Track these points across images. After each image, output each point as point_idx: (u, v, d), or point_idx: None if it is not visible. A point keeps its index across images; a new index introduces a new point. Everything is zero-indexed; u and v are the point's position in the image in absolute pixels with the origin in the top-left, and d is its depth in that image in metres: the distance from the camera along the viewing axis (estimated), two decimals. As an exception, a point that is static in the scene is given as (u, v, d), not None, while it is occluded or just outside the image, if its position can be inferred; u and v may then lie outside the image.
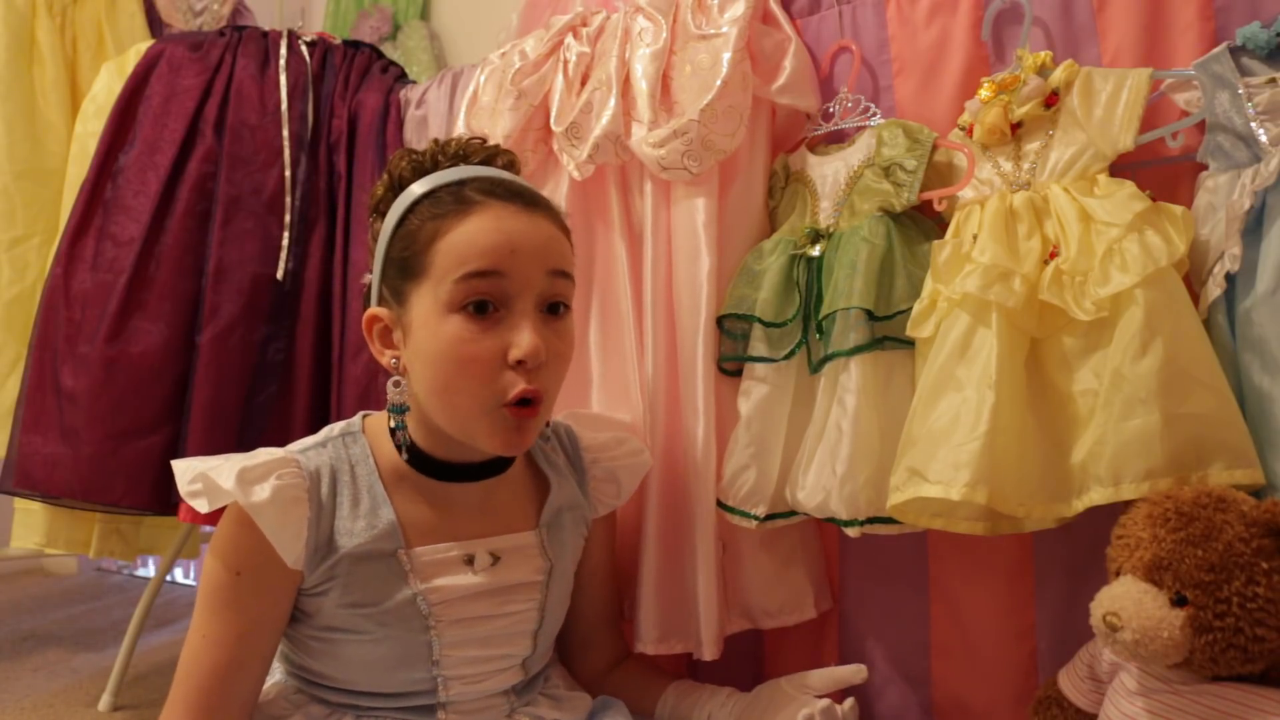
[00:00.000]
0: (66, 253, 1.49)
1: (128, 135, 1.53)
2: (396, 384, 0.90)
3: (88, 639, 1.95)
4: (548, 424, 1.07)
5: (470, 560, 0.92)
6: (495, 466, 0.96)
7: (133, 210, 1.47)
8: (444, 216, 0.87)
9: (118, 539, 1.72)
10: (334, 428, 0.97)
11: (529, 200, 0.91)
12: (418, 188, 0.91)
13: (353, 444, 0.94)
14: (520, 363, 0.84)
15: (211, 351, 1.42)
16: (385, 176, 0.96)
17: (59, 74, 1.84)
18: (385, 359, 0.92)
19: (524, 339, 0.84)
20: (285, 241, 1.49)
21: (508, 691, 0.96)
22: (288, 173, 1.50)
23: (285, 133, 1.52)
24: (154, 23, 2.04)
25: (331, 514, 0.89)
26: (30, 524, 1.69)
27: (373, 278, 0.94)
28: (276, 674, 0.98)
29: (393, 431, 0.93)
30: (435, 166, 0.94)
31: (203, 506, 0.87)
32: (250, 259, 1.47)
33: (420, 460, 0.93)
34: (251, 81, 1.54)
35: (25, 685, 1.67)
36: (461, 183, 0.90)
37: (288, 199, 1.50)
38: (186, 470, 0.89)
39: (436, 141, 0.97)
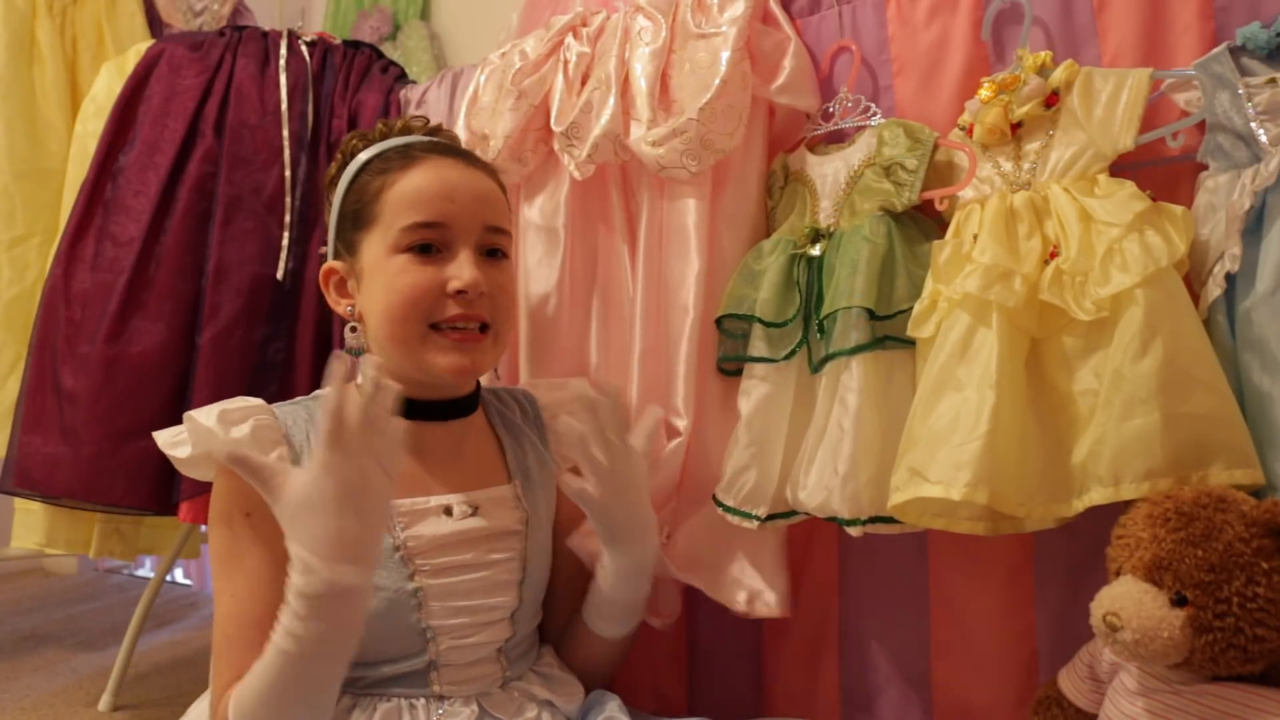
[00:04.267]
0: (66, 253, 1.49)
1: (128, 135, 1.53)
2: (354, 329, 0.99)
3: (88, 639, 1.95)
4: (506, 390, 1.14)
5: (449, 510, 0.96)
6: (459, 407, 1.01)
7: (133, 210, 1.47)
8: (389, 170, 0.97)
9: (118, 539, 1.72)
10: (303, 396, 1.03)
11: (467, 157, 1.01)
12: (365, 154, 1.01)
13: None
14: (460, 293, 0.93)
15: (211, 351, 1.42)
16: (338, 155, 1.05)
17: (59, 74, 1.84)
18: (341, 308, 1.00)
19: (464, 271, 0.93)
20: (285, 241, 1.48)
21: (498, 653, 0.96)
22: (288, 173, 1.50)
23: (285, 133, 1.52)
24: (154, 23, 2.04)
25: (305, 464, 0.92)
26: (30, 524, 1.69)
27: (328, 241, 1.02)
28: None
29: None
30: (383, 140, 1.03)
31: (184, 452, 0.93)
32: (250, 259, 1.47)
33: None
34: (251, 81, 1.54)
35: (25, 685, 1.67)
36: (407, 145, 1.00)
37: (288, 199, 1.50)
38: (167, 430, 0.96)
39: (384, 122, 1.07)
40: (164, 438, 0.96)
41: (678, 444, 1.14)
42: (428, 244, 0.94)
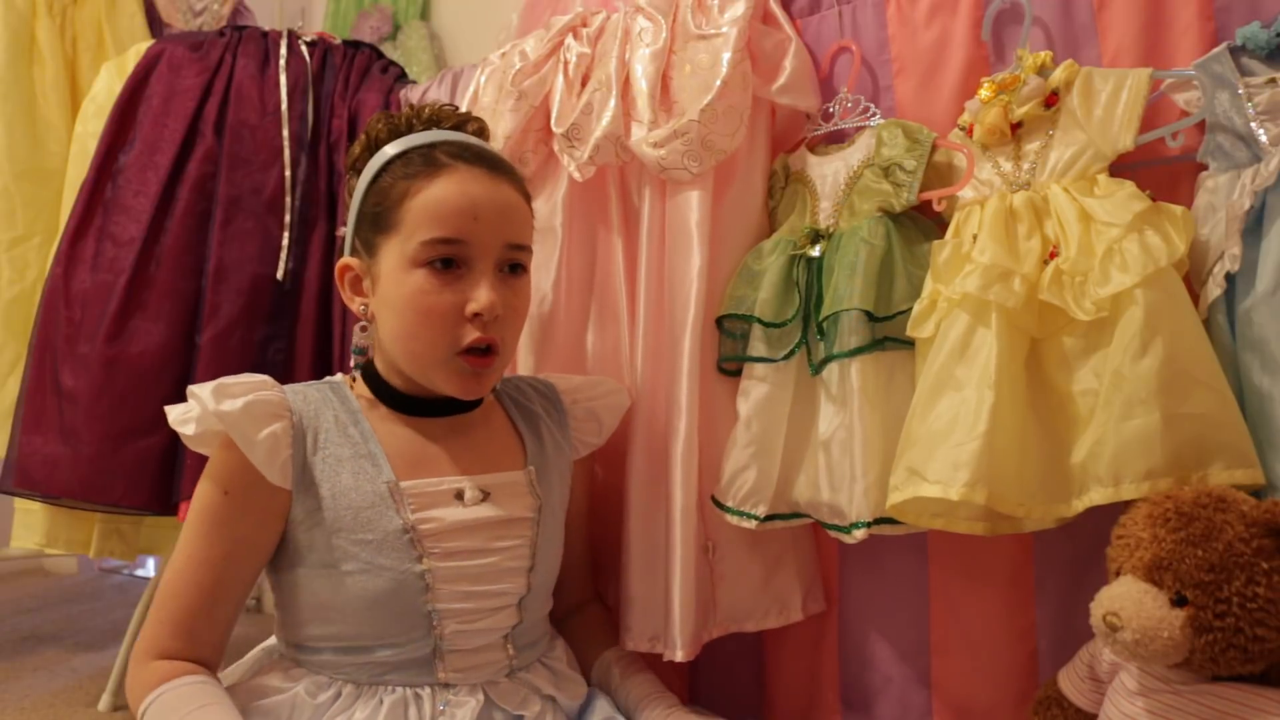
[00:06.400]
0: (66, 253, 1.49)
1: (128, 135, 1.53)
2: (364, 328, 0.99)
3: (88, 639, 1.95)
4: (523, 379, 1.15)
5: (460, 495, 0.96)
6: (460, 404, 1.00)
7: (133, 210, 1.47)
8: (414, 176, 0.94)
9: (118, 539, 1.72)
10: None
11: (493, 165, 0.97)
12: (391, 149, 0.98)
13: (337, 388, 1.01)
14: (477, 315, 0.91)
15: (211, 351, 1.43)
16: (363, 137, 1.02)
17: (59, 74, 1.84)
18: (355, 305, 0.99)
19: (482, 295, 0.91)
20: (285, 241, 1.49)
21: (505, 640, 0.96)
22: (288, 173, 1.51)
23: (285, 133, 1.52)
24: (154, 23, 2.04)
25: (316, 440, 0.94)
26: (30, 524, 1.69)
27: (347, 230, 1.00)
28: (275, 652, 0.99)
29: (355, 369, 1.00)
30: (409, 129, 1.00)
31: (189, 430, 0.92)
32: (250, 259, 1.47)
33: (393, 397, 0.99)
34: (251, 81, 1.54)
35: (25, 685, 1.68)
36: (432, 145, 0.97)
37: (288, 199, 1.50)
38: (179, 406, 0.95)
39: (412, 106, 1.03)
40: (175, 414, 0.95)
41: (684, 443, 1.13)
42: (447, 259, 0.92)
